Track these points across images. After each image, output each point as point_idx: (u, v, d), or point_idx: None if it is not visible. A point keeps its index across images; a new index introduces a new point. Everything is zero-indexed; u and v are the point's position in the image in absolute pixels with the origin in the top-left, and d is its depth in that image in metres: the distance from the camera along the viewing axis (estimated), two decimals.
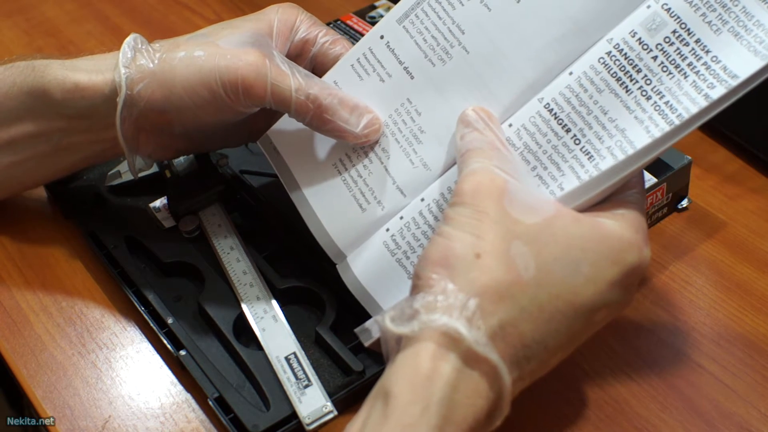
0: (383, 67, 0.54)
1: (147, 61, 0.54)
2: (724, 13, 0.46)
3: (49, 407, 0.54)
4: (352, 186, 0.54)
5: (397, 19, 0.54)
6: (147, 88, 0.53)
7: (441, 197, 0.51)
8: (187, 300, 0.59)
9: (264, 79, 0.52)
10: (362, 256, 0.53)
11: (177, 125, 0.55)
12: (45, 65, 0.56)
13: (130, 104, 0.54)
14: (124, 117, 0.54)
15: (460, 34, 0.52)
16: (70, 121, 0.56)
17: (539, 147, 0.49)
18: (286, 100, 0.52)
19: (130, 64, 0.54)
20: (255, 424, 0.50)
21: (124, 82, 0.53)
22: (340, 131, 0.53)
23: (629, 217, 0.46)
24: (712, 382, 0.53)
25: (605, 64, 0.48)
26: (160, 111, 0.54)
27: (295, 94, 0.52)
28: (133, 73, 0.54)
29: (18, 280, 0.62)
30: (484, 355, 0.42)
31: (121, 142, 0.55)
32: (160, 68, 0.53)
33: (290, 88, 0.52)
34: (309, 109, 0.53)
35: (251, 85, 0.52)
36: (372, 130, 0.53)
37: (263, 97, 0.52)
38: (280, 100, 0.52)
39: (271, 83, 0.52)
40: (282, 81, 0.52)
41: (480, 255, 0.43)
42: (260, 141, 0.58)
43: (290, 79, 0.52)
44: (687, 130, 0.45)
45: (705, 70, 0.46)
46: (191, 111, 0.54)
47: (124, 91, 0.53)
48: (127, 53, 0.54)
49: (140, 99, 0.54)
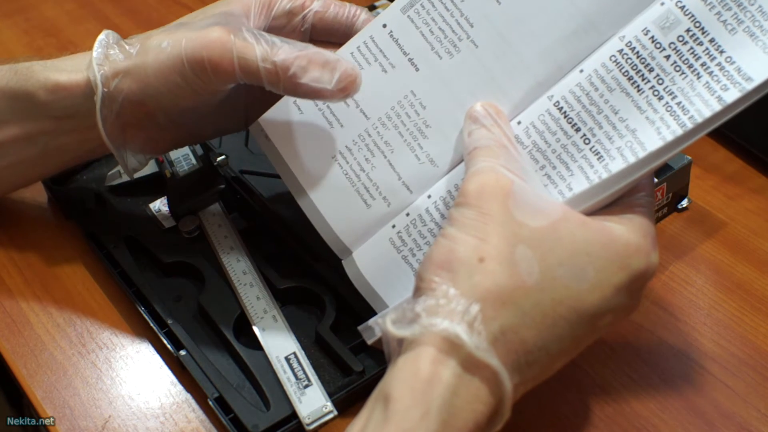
0: (386, 57, 0.53)
1: (120, 56, 0.54)
2: (740, 12, 0.45)
3: (49, 407, 0.54)
4: (355, 180, 0.54)
5: (401, 8, 0.53)
6: (123, 83, 0.53)
7: (448, 195, 0.51)
8: (187, 300, 0.59)
9: (229, 54, 0.51)
10: (368, 252, 0.53)
11: (159, 115, 0.55)
12: (27, 68, 0.56)
13: (108, 101, 0.54)
14: (105, 114, 0.54)
15: (468, 27, 0.51)
16: (56, 122, 0.56)
17: (548, 146, 0.48)
18: (255, 71, 0.51)
19: (103, 61, 0.54)
20: (255, 424, 0.50)
21: (99, 80, 0.53)
22: (315, 91, 0.51)
23: (637, 222, 0.45)
24: (712, 382, 0.53)
25: (617, 62, 0.47)
26: (139, 103, 0.54)
27: (262, 64, 0.51)
28: (107, 70, 0.53)
29: (18, 280, 0.61)
30: (484, 360, 0.41)
31: (105, 140, 0.55)
32: (134, 62, 0.53)
33: (256, 58, 0.51)
34: (279, 77, 0.51)
35: (217, 62, 0.51)
36: (348, 82, 0.51)
37: (232, 72, 0.51)
38: (248, 72, 0.51)
39: (237, 57, 0.51)
40: (248, 53, 0.51)
41: (483, 259, 0.43)
42: (251, 128, 0.57)
43: (256, 49, 0.51)
44: (699, 134, 0.45)
45: (719, 71, 0.45)
46: (168, 98, 0.53)
47: (101, 89, 0.53)
48: (100, 50, 0.54)
49: (118, 94, 0.54)
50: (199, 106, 0.55)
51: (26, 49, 0.84)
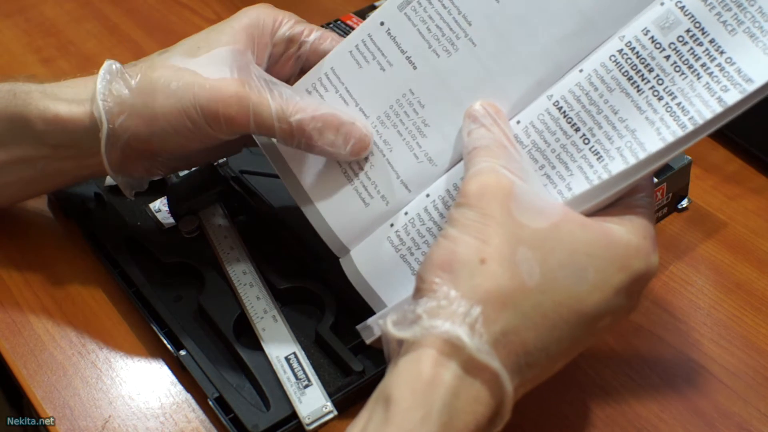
0: (384, 55, 0.53)
1: (125, 90, 0.53)
2: (740, 13, 0.45)
3: (49, 407, 0.54)
4: (353, 179, 0.53)
5: (398, 5, 0.53)
6: (129, 120, 0.53)
7: (447, 194, 0.51)
8: (187, 300, 0.59)
9: (246, 110, 0.51)
10: (366, 251, 0.53)
11: (163, 153, 0.55)
12: (26, 93, 0.55)
13: (113, 136, 0.53)
14: (109, 149, 0.54)
15: (466, 25, 0.51)
16: (55, 150, 0.56)
17: (548, 146, 0.48)
18: (270, 129, 0.52)
19: (107, 95, 0.53)
20: (255, 424, 0.50)
21: (104, 117, 0.53)
22: (328, 154, 0.53)
23: (637, 223, 0.45)
24: (712, 382, 0.53)
25: (617, 62, 0.47)
26: (144, 141, 0.54)
27: (278, 124, 0.51)
28: (112, 106, 0.53)
29: (18, 280, 0.62)
30: (485, 362, 0.41)
31: (108, 170, 0.55)
32: (140, 99, 0.53)
33: (272, 117, 0.51)
34: (294, 137, 0.52)
35: (233, 117, 0.51)
36: (361, 147, 0.52)
37: (246, 127, 0.52)
38: (263, 128, 0.52)
39: (253, 113, 0.51)
40: (263, 111, 0.51)
41: (485, 260, 0.43)
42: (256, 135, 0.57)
43: (272, 107, 0.51)
44: (699, 136, 0.45)
45: (719, 72, 0.45)
46: (175, 140, 0.53)
47: (106, 126, 0.53)
48: (104, 83, 0.53)
49: (123, 131, 0.53)
50: (205, 147, 0.55)
51: (26, 49, 0.84)
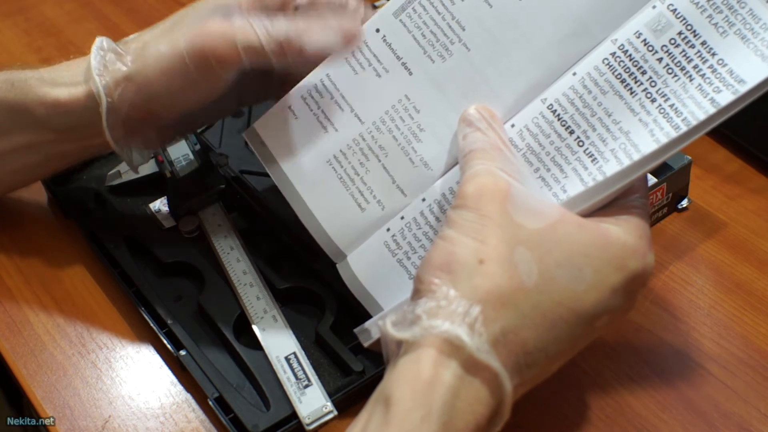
0: (379, 61, 0.53)
1: (119, 63, 0.53)
2: (731, 15, 0.45)
3: (49, 407, 0.54)
4: (349, 184, 0.54)
5: (393, 12, 0.53)
6: (126, 91, 0.53)
7: (443, 198, 0.51)
8: (187, 300, 0.59)
9: (232, 42, 0.51)
10: (362, 256, 0.53)
11: (164, 115, 0.55)
12: (23, 81, 0.56)
13: (113, 110, 0.54)
14: (111, 123, 0.54)
15: (460, 31, 0.51)
16: (58, 134, 0.56)
17: (542, 148, 0.48)
18: (261, 53, 0.51)
19: (102, 71, 0.53)
20: (255, 424, 0.51)
21: (102, 92, 0.53)
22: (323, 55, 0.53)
23: (633, 223, 0.45)
24: (712, 382, 0.53)
25: (609, 65, 0.47)
26: (144, 108, 0.54)
27: (267, 45, 0.51)
28: (109, 80, 0.53)
29: (18, 280, 0.62)
30: (485, 362, 0.41)
31: (112, 145, 0.55)
32: (134, 68, 0.53)
33: (259, 41, 0.51)
34: (285, 51, 0.51)
35: (221, 53, 0.51)
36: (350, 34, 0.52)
37: (238, 61, 0.51)
38: (254, 56, 0.51)
39: (241, 44, 0.51)
40: (249, 37, 0.51)
41: (483, 261, 0.43)
42: (246, 134, 0.57)
43: (257, 31, 0.51)
44: (693, 137, 0.45)
45: (711, 73, 0.45)
46: (173, 98, 0.53)
47: (105, 101, 0.53)
48: (98, 59, 0.54)
49: (122, 103, 0.53)
50: (203, 100, 0.55)
51: (26, 49, 0.84)
